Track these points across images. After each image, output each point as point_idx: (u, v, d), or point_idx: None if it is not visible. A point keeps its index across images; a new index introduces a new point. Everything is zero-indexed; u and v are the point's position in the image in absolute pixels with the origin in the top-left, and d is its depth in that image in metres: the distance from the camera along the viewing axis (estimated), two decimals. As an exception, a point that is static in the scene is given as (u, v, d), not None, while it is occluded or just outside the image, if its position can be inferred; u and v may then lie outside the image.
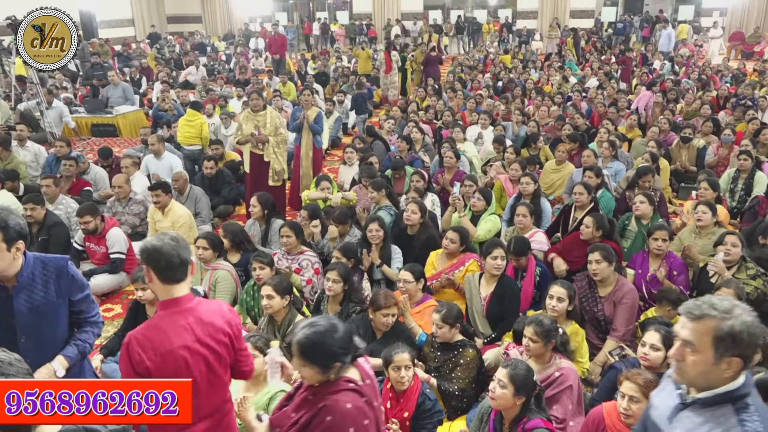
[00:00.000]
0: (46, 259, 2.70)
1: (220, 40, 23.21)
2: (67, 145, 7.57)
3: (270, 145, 6.42)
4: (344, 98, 11.35)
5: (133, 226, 6.18)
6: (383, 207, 5.62)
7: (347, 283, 4.11)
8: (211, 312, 2.26)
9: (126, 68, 16.39)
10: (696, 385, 1.73)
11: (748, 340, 1.65)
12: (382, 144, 8.12)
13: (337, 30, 23.77)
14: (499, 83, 12.71)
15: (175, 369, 2.12)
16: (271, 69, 15.86)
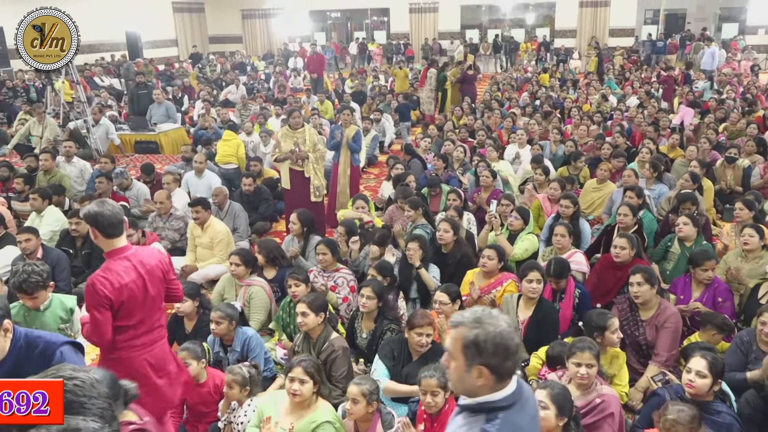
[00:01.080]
0: (38, 340, 2.31)
1: (260, 60, 23.66)
2: (111, 161, 7.78)
3: (309, 161, 6.50)
4: (381, 117, 11.42)
5: (173, 241, 6.30)
6: (419, 225, 5.61)
7: (382, 300, 4.10)
8: (147, 255, 3.01)
9: (168, 87, 16.83)
10: (457, 390, 1.81)
11: (493, 350, 1.69)
12: (419, 162, 8.13)
13: (375, 49, 24.01)
14: (536, 102, 12.62)
15: (129, 297, 2.85)
16: (309, 88, 16.07)
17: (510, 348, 1.73)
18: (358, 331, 4.26)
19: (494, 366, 1.72)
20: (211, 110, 12.19)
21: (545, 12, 26.64)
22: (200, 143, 9.49)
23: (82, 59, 17.78)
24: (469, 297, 4.44)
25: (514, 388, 1.77)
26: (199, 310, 4.30)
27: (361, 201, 6.20)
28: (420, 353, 3.68)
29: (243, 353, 3.96)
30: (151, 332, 3.00)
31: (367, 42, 25.32)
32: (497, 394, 1.75)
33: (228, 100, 15.49)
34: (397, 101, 13.02)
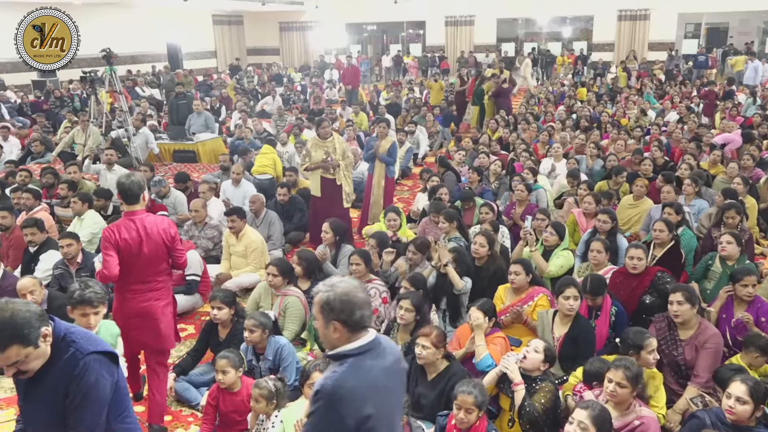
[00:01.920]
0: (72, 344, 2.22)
1: (296, 72, 23.97)
2: (150, 169, 7.96)
3: (341, 168, 6.60)
4: (415, 129, 11.44)
5: (207, 250, 6.39)
6: (453, 238, 5.59)
7: (419, 312, 4.08)
8: (152, 223, 3.70)
9: (207, 97, 17.15)
10: (325, 345, 2.17)
11: (341, 307, 2.06)
12: (453, 175, 8.12)
13: (410, 62, 24.10)
14: (573, 116, 12.49)
15: (125, 249, 3.60)
16: (345, 99, 16.21)
17: (356, 303, 2.07)
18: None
19: (345, 320, 2.07)
20: (247, 121, 12.41)
21: (582, 25, 26.42)
22: (237, 153, 9.65)
23: (124, 69, 18.24)
24: (505, 315, 4.40)
25: (369, 340, 2.11)
26: (233, 318, 4.34)
27: (392, 213, 6.19)
28: (437, 371, 3.62)
29: (275, 362, 3.98)
30: (142, 284, 3.72)
31: (402, 54, 25.44)
32: (351, 344, 2.09)
33: (264, 110, 15.74)
34: (432, 114, 13.04)
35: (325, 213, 6.49)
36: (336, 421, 2.00)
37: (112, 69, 9.75)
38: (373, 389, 2.07)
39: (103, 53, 9.48)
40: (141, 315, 3.72)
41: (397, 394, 2.28)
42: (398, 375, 2.26)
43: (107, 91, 11.21)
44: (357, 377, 2.04)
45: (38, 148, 10.78)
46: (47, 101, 15.51)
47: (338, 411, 2.00)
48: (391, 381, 2.18)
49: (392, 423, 2.21)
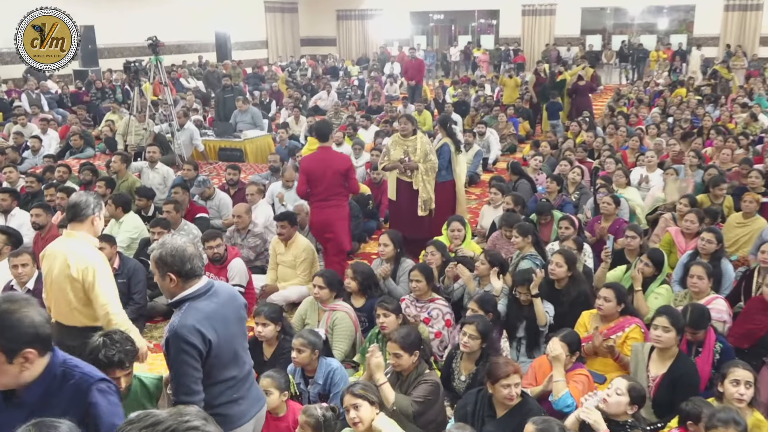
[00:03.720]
0: (74, 370, 2.29)
1: (354, 64, 24.19)
2: (194, 168, 8.16)
3: (419, 172, 6.54)
4: (485, 130, 11.34)
5: (247, 260, 6.41)
6: (527, 256, 5.47)
7: (486, 340, 4.01)
8: (332, 158, 5.83)
9: (256, 91, 17.52)
10: (166, 296, 2.86)
11: (171, 260, 2.72)
12: (527, 183, 7.99)
13: (481, 55, 23.97)
14: (668, 119, 12.12)
15: (313, 173, 5.82)
16: (406, 96, 16.23)
17: (185, 256, 2.75)
18: (455, 372, 4.18)
19: (177, 271, 2.74)
20: (300, 118, 12.58)
21: (682, 16, 25.69)
22: (288, 153, 9.78)
23: (169, 60, 18.83)
24: (588, 343, 4.27)
25: (201, 285, 2.81)
26: (279, 335, 4.36)
27: (456, 223, 6.10)
28: (507, 407, 3.52)
29: (325, 387, 3.98)
30: (325, 200, 5.82)
31: (472, 47, 25.32)
32: (186, 291, 2.77)
33: (318, 107, 15.93)
34: (506, 114, 12.91)
35: (400, 220, 6.49)
36: (189, 351, 2.68)
37: (158, 58, 10.07)
38: (211, 320, 2.76)
39: (149, 41, 9.82)
40: (325, 221, 5.85)
41: (235, 324, 2.94)
42: (234, 309, 2.94)
43: (151, 83, 11.57)
44: (195, 314, 2.72)
45: (77, 143, 11.25)
46: (88, 92, 16.16)
47: (188, 342, 2.67)
48: (227, 313, 2.87)
49: (234, 348, 2.91)
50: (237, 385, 2.92)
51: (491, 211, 7.16)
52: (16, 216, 6.80)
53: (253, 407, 3.03)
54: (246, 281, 5.70)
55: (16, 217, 6.80)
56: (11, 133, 11.64)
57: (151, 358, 4.44)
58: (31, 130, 11.73)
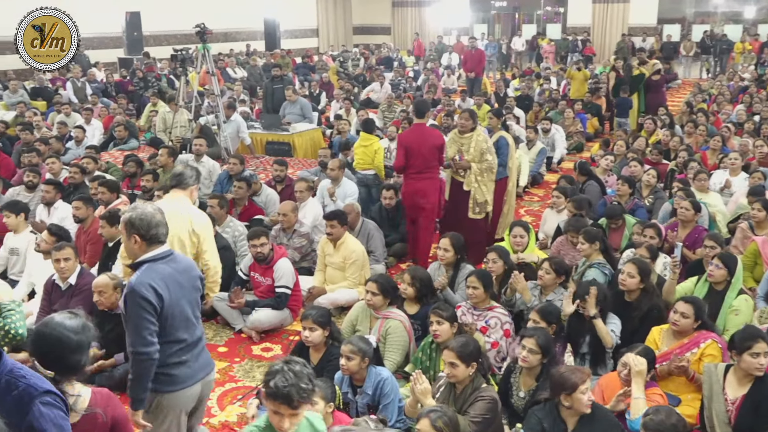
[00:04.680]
0: (20, 380, 2.36)
1: (409, 55, 24.20)
2: (240, 162, 8.28)
3: (471, 172, 6.51)
4: (550, 126, 11.19)
5: (292, 261, 6.44)
6: (594, 264, 5.39)
7: (547, 355, 3.96)
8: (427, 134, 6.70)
9: (305, 82, 17.68)
10: (129, 257, 3.37)
11: (139, 224, 3.20)
12: (596, 185, 7.87)
13: (546, 46, 23.68)
14: (755, 117, 11.75)
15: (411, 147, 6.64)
16: (465, 89, 16.16)
17: (151, 222, 3.22)
18: (514, 387, 4.15)
19: (142, 234, 3.22)
20: (351, 110, 12.65)
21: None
22: (338, 148, 9.84)
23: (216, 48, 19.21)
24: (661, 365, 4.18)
25: (162, 250, 3.29)
26: (327, 341, 4.40)
27: (520, 229, 6.04)
28: (577, 419, 3.52)
29: (374, 398, 3.99)
30: (419, 172, 6.60)
31: (537, 37, 25.04)
32: (147, 254, 3.25)
33: (370, 99, 16.00)
34: (573, 109, 12.72)
35: (450, 221, 6.49)
36: (145, 306, 3.12)
37: (206, 47, 10.26)
38: (166, 281, 3.22)
39: (196, 29, 10.01)
40: (419, 191, 6.63)
41: (189, 291, 3.39)
42: (189, 278, 3.42)
43: (198, 72, 11.81)
44: (151, 273, 3.19)
45: (121, 134, 11.56)
46: (132, 81, 16.58)
47: (143, 297, 3.12)
48: (182, 279, 3.34)
49: (186, 313, 3.34)
50: (187, 348, 3.35)
51: (554, 216, 7.07)
52: (59, 209, 7.02)
53: (200, 371, 3.45)
54: (293, 283, 5.76)
55: (59, 210, 7.02)
56: (55, 122, 12.02)
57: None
58: (75, 119, 12.09)
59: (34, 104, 13.78)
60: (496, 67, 22.90)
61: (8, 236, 6.35)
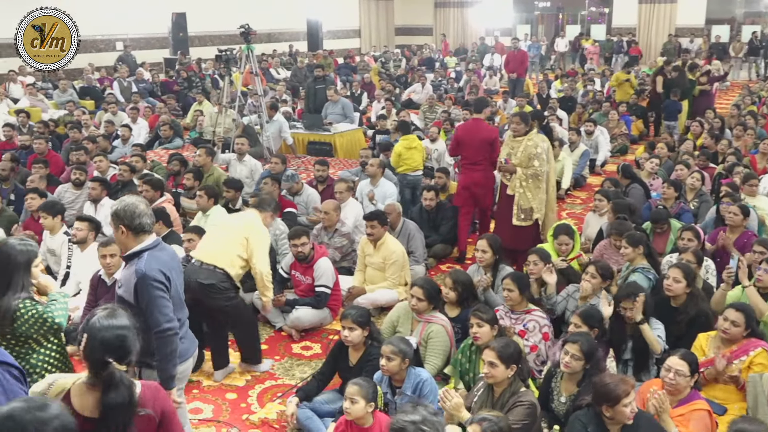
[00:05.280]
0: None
1: (451, 55, 24.13)
2: (282, 162, 8.36)
3: (516, 176, 6.46)
4: (594, 129, 11.05)
5: (333, 261, 6.48)
6: (638, 268, 5.31)
7: (590, 360, 3.91)
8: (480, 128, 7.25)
9: (347, 82, 17.76)
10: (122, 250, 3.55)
11: (124, 215, 3.32)
12: (640, 189, 7.75)
13: (590, 47, 23.38)
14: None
15: (465, 141, 7.20)
16: (507, 90, 16.05)
17: (136, 213, 3.34)
18: (555, 392, 4.10)
19: (128, 225, 3.34)
20: (392, 111, 12.67)
21: (826, 4, 24.21)
22: (380, 148, 9.87)
23: (260, 49, 19.41)
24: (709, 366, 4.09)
25: (153, 240, 3.43)
26: (367, 341, 4.41)
27: (564, 237, 5.93)
28: (618, 428, 3.45)
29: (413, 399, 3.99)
30: (473, 164, 7.06)
31: (581, 38, 24.74)
32: (141, 244, 3.38)
33: (411, 100, 16.00)
34: (617, 111, 12.54)
35: (499, 227, 6.45)
36: (160, 288, 3.34)
37: (250, 47, 10.38)
38: (167, 265, 3.43)
39: (241, 30, 10.13)
40: (475, 181, 7.07)
41: (179, 275, 3.59)
42: (178, 263, 3.66)
43: (242, 72, 11.94)
44: (156, 260, 3.38)
45: (167, 133, 11.76)
46: (177, 81, 16.86)
47: (157, 280, 3.33)
48: (174, 264, 3.55)
49: (179, 294, 3.58)
50: (182, 326, 3.59)
51: (596, 219, 6.97)
52: (105, 206, 7.16)
53: (192, 346, 3.73)
54: (333, 282, 5.79)
55: (106, 207, 7.16)
56: (102, 121, 12.29)
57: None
58: (122, 118, 12.34)
59: (82, 103, 14.09)
60: (539, 67, 22.69)
61: (46, 235, 6.46)
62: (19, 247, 3.23)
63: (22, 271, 3.22)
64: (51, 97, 14.56)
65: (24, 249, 3.24)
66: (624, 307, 4.50)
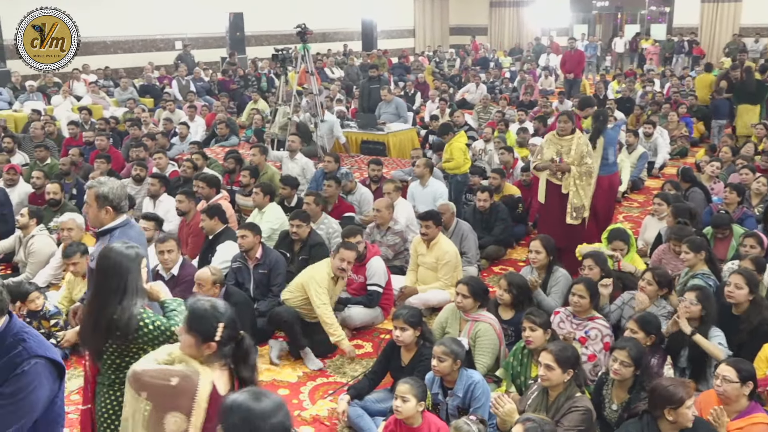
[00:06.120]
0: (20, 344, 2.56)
1: (506, 55, 23.94)
2: (335, 160, 8.40)
3: (571, 175, 6.40)
4: (653, 131, 10.82)
5: (386, 259, 6.50)
6: (698, 275, 5.18)
7: (639, 366, 3.83)
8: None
9: (400, 82, 17.78)
10: (93, 224, 3.85)
11: (112, 197, 3.55)
12: (701, 192, 7.56)
13: (649, 47, 22.89)
14: None
15: None
16: (563, 90, 15.85)
17: (122, 194, 3.62)
18: (606, 399, 4.03)
19: (115, 205, 3.56)
20: (445, 111, 12.64)
21: None
22: (432, 148, 9.85)
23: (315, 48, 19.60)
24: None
25: (125, 218, 3.65)
26: (419, 341, 4.41)
27: (619, 243, 5.82)
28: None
29: (465, 400, 3.97)
30: None
31: (640, 37, 24.25)
32: (115, 222, 3.59)
33: (465, 100, 15.93)
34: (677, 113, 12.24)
35: (549, 226, 6.40)
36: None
37: (306, 47, 10.48)
38: (137, 241, 3.46)
39: (297, 29, 10.24)
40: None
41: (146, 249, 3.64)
42: (145, 241, 3.91)
43: (297, 71, 12.06)
44: (126, 235, 3.52)
45: (223, 131, 11.96)
46: (234, 80, 17.14)
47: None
48: (142, 240, 3.79)
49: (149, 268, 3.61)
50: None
51: (655, 223, 6.84)
52: (164, 201, 7.35)
53: None
54: (385, 281, 5.81)
55: (164, 203, 7.35)
56: (161, 119, 12.59)
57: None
58: (180, 116, 12.61)
59: (142, 101, 14.45)
60: (596, 68, 22.32)
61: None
62: (126, 251, 3.06)
63: (135, 273, 3.05)
64: (112, 95, 14.96)
65: (132, 251, 3.08)
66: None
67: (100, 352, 3.03)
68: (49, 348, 2.65)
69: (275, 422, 2.15)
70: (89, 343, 3.12)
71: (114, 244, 3.18)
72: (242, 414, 2.13)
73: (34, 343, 2.58)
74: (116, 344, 2.97)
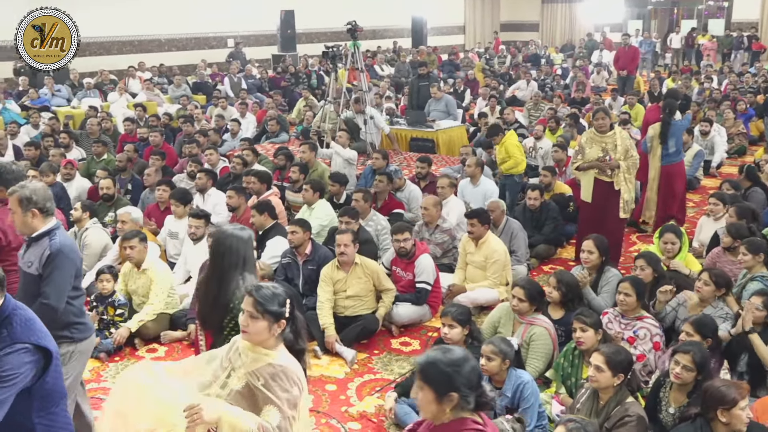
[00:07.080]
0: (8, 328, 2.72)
1: (557, 52, 23.62)
2: (383, 157, 8.41)
3: (621, 170, 6.35)
4: (710, 129, 10.54)
5: (434, 257, 6.45)
6: (757, 277, 5.04)
7: (702, 371, 3.73)
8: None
9: (450, 79, 17.69)
10: (25, 231, 3.64)
11: (36, 199, 3.52)
12: (761, 192, 7.35)
13: (707, 43, 22.29)
14: None
15: None
16: (616, 87, 15.56)
17: (47, 196, 3.57)
18: (663, 402, 3.94)
19: (40, 208, 3.52)
20: (496, 108, 12.53)
21: None
22: (480, 146, 9.77)
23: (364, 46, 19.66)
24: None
25: (55, 222, 3.62)
26: (467, 339, 4.38)
27: (671, 235, 5.70)
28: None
29: (514, 400, 3.94)
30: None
31: (697, 33, 23.62)
32: (49, 225, 3.58)
33: (515, 97, 15.76)
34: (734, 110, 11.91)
35: (594, 224, 6.30)
36: (70, 267, 3.57)
37: (356, 44, 10.50)
38: (73, 245, 3.70)
39: (348, 26, 10.27)
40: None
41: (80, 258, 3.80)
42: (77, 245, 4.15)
43: (347, 69, 12.11)
44: (67, 239, 3.64)
45: (273, 127, 12.06)
46: (284, 77, 17.30)
47: (70, 259, 3.57)
48: (76, 246, 3.84)
49: (79, 273, 3.75)
50: (83, 300, 3.90)
51: (711, 224, 6.67)
52: (212, 196, 7.45)
53: (88, 330, 3.84)
54: (433, 279, 5.79)
55: (213, 197, 7.45)
56: (213, 115, 12.78)
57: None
58: (231, 113, 12.78)
59: (195, 98, 14.69)
60: (651, 64, 21.84)
61: (169, 219, 6.79)
62: (238, 231, 3.34)
63: (250, 251, 3.35)
64: (166, 92, 15.24)
65: (245, 233, 3.36)
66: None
67: (221, 328, 3.25)
68: (37, 332, 2.80)
69: (472, 365, 2.57)
70: (210, 319, 3.34)
71: (223, 227, 3.50)
72: (441, 365, 2.50)
73: (20, 329, 2.73)
74: (235, 320, 3.11)
